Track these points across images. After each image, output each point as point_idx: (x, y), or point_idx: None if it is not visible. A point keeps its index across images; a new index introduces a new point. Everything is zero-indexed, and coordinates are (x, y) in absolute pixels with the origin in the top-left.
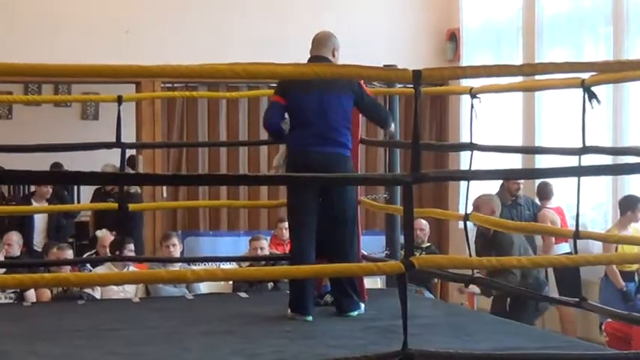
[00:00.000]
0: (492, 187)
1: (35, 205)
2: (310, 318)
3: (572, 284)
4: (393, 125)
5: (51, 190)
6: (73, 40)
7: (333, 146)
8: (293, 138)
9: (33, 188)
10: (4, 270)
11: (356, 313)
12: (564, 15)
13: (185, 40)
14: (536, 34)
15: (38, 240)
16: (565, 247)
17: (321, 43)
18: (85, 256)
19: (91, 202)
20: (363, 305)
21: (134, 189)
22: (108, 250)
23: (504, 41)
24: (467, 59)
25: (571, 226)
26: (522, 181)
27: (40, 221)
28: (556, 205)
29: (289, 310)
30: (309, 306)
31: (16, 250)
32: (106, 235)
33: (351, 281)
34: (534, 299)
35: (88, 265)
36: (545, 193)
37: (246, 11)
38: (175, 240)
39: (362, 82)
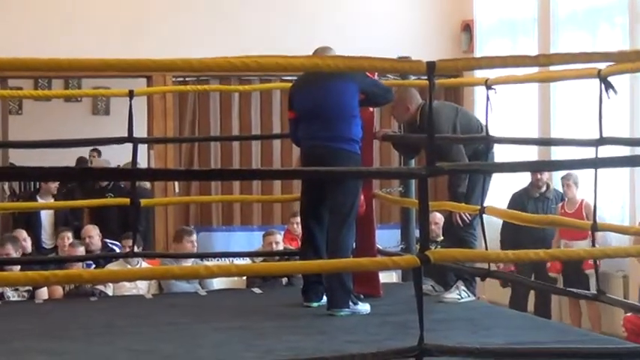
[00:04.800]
0: (524, 179)
1: (41, 201)
2: (314, 305)
3: (578, 278)
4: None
5: (57, 186)
6: (83, 34)
7: (328, 140)
8: (300, 133)
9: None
10: (18, 267)
11: (343, 313)
12: (580, 5)
13: (196, 33)
14: (552, 25)
15: (45, 237)
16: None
17: (323, 52)
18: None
19: (84, 199)
20: (357, 306)
21: (143, 183)
22: (90, 241)
23: (519, 32)
24: (481, 50)
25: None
26: (547, 174)
27: (46, 218)
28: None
29: None
30: (310, 293)
31: (27, 248)
32: (88, 228)
33: (341, 278)
34: (555, 293)
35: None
36: None
37: (257, 3)
38: (195, 236)
39: (374, 76)
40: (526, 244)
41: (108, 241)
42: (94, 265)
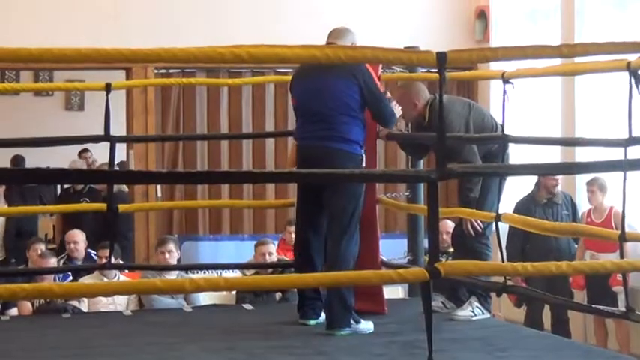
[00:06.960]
0: (529, 183)
1: (1, 206)
2: (312, 322)
3: (605, 294)
4: (398, 124)
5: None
6: (56, 23)
7: (324, 140)
8: (296, 131)
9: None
10: None
11: (344, 332)
12: None
13: (181, 21)
14: (576, 11)
15: None
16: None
17: (339, 34)
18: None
19: (58, 204)
20: (359, 324)
21: (121, 187)
22: (75, 247)
23: (540, 19)
24: (498, 39)
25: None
26: (560, 177)
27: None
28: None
29: None
30: (307, 310)
31: None
32: (74, 232)
33: (341, 293)
34: (580, 310)
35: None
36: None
37: None
38: (172, 246)
39: (379, 69)
40: (537, 256)
41: (91, 251)
42: (70, 277)
